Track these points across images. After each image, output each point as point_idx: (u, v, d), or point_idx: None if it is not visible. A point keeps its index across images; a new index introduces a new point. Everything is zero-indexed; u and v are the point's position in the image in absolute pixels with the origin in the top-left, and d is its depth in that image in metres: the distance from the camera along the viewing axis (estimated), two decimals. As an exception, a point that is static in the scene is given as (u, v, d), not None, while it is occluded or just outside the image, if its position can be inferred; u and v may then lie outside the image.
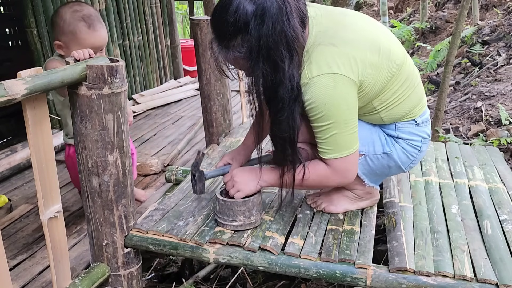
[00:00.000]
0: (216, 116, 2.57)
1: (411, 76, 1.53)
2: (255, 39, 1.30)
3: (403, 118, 1.57)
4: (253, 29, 1.29)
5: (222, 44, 1.38)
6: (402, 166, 1.63)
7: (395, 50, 1.48)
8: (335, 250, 1.51)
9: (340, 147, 1.44)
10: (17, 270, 1.85)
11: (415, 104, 1.57)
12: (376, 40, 1.44)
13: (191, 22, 2.49)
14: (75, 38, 1.84)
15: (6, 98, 1.11)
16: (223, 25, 1.34)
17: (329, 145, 1.44)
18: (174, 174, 2.18)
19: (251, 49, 1.32)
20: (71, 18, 1.84)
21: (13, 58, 4.07)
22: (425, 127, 1.62)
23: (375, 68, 1.42)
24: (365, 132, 1.58)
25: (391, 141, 1.60)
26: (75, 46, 1.83)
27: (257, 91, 1.39)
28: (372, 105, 1.51)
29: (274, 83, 1.34)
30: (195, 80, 4.88)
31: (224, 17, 1.32)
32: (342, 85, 1.37)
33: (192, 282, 2.02)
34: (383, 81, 1.45)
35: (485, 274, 1.38)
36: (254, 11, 1.29)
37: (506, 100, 3.74)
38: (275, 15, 1.28)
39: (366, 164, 1.61)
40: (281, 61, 1.32)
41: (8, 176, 2.75)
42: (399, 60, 1.48)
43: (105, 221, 1.54)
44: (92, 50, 1.79)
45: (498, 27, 5.48)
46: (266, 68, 1.33)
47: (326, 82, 1.36)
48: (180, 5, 9.85)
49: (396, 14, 9.04)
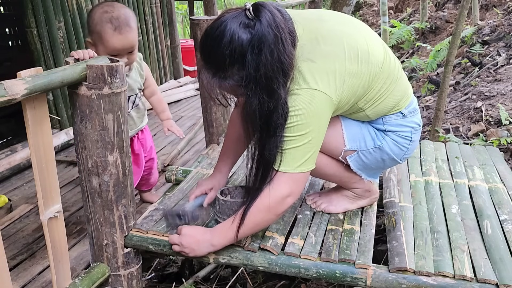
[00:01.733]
0: (216, 116, 2.57)
1: (392, 72, 1.51)
2: (253, 68, 1.26)
3: (389, 112, 1.56)
4: (250, 59, 1.26)
5: (217, 75, 1.34)
6: (396, 158, 1.62)
7: (373, 51, 1.45)
8: (335, 250, 1.51)
9: (294, 162, 1.39)
10: (17, 270, 1.86)
11: (400, 97, 1.55)
12: (354, 46, 1.41)
13: (191, 22, 2.49)
14: (101, 39, 1.85)
15: (6, 98, 1.11)
16: (218, 56, 1.30)
17: (286, 157, 1.39)
18: (174, 174, 2.18)
19: (248, 78, 1.28)
20: (99, 19, 1.85)
21: (13, 58, 4.08)
22: (414, 117, 1.61)
23: (354, 77, 1.40)
24: (354, 128, 1.58)
25: (381, 135, 1.59)
26: (101, 46, 1.86)
27: (253, 120, 1.34)
28: (357, 106, 1.50)
29: (269, 109, 1.31)
30: (195, 80, 4.88)
31: (218, 48, 1.29)
32: (318, 102, 1.35)
33: (192, 282, 2.02)
34: (364, 85, 1.44)
35: (485, 274, 1.37)
36: (250, 40, 1.25)
37: (506, 100, 3.74)
38: (273, 44, 1.25)
39: (360, 160, 1.61)
40: (277, 88, 1.29)
41: (8, 176, 2.75)
42: (379, 60, 1.45)
43: (105, 221, 1.54)
44: (121, 55, 1.84)
45: (498, 27, 5.48)
46: (263, 96, 1.29)
47: (304, 96, 1.34)
48: (180, 5, 9.86)
49: (396, 14, 9.05)
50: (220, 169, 1.79)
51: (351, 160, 1.61)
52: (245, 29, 1.26)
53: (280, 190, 1.40)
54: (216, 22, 1.31)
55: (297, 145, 1.38)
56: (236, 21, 1.27)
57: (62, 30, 3.35)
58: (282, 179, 1.40)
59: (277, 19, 1.27)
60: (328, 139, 1.53)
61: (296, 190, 1.43)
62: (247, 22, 1.27)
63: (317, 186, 1.97)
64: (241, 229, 1.43)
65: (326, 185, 1.97)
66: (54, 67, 3.23)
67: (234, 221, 1.44)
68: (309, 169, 1.42)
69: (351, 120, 1.59)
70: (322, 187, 1.97)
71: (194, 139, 3.37)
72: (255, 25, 1.26)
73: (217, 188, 1.73)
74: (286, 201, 1.42)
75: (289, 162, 1.39)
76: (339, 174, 1.67)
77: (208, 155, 2.37)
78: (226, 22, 1.28)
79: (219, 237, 1.48)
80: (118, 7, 1.90)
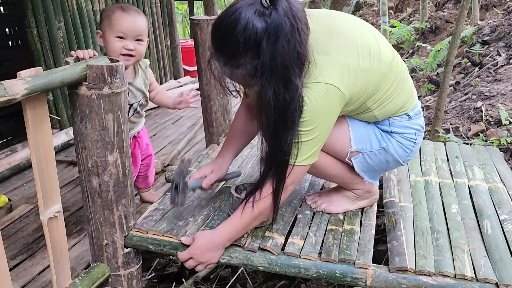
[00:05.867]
0: (216, 116, 2.57)
1: (400, 72, 1.52)
2: (269, 57, 1.24)
3: (396, 113, 1.57)
4: (265, 47, 1.24)
5: (229, 63, 1.32)
6: (399, 160, 1.63)
7: (383, 50, 1.46)
8: (335, 250, 1.51)
9: (300, 155, 1.40)
10: (17, 270, 1.85)
11: (406, 99, 1.56)
12: (366, 43, 1.43)
13: (191, 22, 2.49)
14: (109, 22, 1.87)
15: (6, 98, 1.11)
16: (231, 44, 1.28)
17: (292, 150, 1.39)
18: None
19: (263, 67, 1.26)
20: (110, 7, 1.91)
21: (13, 58, 4.07)
22: (418, 119, 1.62)
23: (367, 73, 1.41)
24: (360, 130, 1.58)
25: (387, 136, 1.60)
26: (109, 31, 1.87)
27: (268, 112, 1.31)
28: (365, 105, 1.51)
29: (285, 100, 1.30)
30: (195, 80, 4.88)
31: (231, 36, 1.26)
32: (331, 96, 1.36)
33: (192, 282, 2.02)
34: (375, 84, 1.45)
35: (485, 274, 1.38)
36: (266, 29, 1.23)
37: (506, 100, 3.74)
38: (289, 33, 1.24)
39: (365, 161, 1.61)
40: (294, 78, 1.28)
41: (8, 176, 2.75)
42: (388, 60, 1.47)
43: (105, 221, 1.54)
44: (128, 40, 1.86)
45: (498, 27, 5.48)
46: (278, 86, 1.27)
47: (317, 90, 1.34)
48: (180, 5, 9.85)
49: (396, 14, 9.04)
50: (222, 155, 1.78)
51: (356, 162, 1.61)
52: (260, 17, 1.25)
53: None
54: (230, 9, 1.29)
55: (305, 140, 1.38)
56: (251, 8, 1.25)
57: (62, 30, 3.35)
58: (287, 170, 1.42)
59: (294, 8, 1.27)
60: (335, 140, 1.54)
61: (297, 180, 1.48)
62: (262, 11, 1.25)
63: (317, 186, 1.97)
64: (243, 217, 1.46)
65: (326, 185, 1.97)
66: (54, 67, 3.23)
67: (237, 212, 1.48)
68: (312, 162, 1.45)
69: (358, 121, 1.59)
70: (322, 187, 1.97)
71: (194, 139, 3.37)
72: (271, 14, 1.24)
73: (216, 171, 1.73)
74: (288, 189, 1.47)
75: (295, 156, 1.40)
76: (342, 175, 1.68)
77: (208, 155, 2.37)
78: (240, 9, 1.26)
79: (228, 233, 1.49)
80: (131, 5, 1.96)
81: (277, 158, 1.39)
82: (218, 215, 1.71)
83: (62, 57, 3.30)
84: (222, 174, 1.75)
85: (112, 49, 1.88)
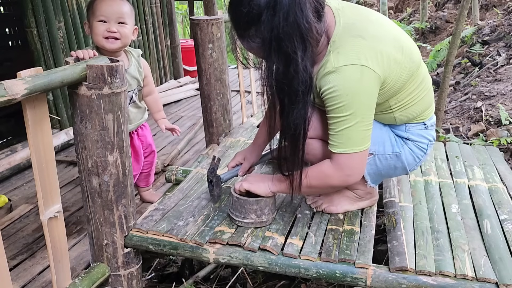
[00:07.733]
0: (216, 116, 2.57)
1: (426, 79, 1.55)
2: (267, 30, 1.29)
3: (414, 120, 1.58)
4: (265, 20, 1.29)
5: (238, 33, 1.39)
6: (407, 168, 1.63)
7: (414, 50, 1.50)
8: (335, 250, 1.51)
9: (351, 142, 1.42)
10: (17, 270, 1.86)
11: (426, 107, 1.58)
12: (399, 38, 1.45)
13: (191, 22, 2.49)
14: (92, 9, 1.90)
15: (6, 98, 1.11)
16: (238, 15, 1.34)
17: (341, 138, 1.42)
18: (174, 174, 2.18)
19: (264, 40, 1.32)
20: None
21: (13, 58, 4.08)
22: (432, 131, 1.64)
23: (399, 65, 1.42)
24: (376, 131, 1.57)
25: (401, 142, 1.61)
26: (92, 18, 1.90)
27: (269, 82, 1.38)
28: (388, 103, 1.51)
29: (287, 75, 1.33)
30: (195, 80, 4.88)
31: (239, 7, 1.32)
32: (367, 78, 1.37)
33: (192, 282, 2.02)
34: (403, 80, 1.46)
35: (485, 273, 1.38)
36: (268, 2, 1.28)
37: (506, 100, 3.74)
38: (287, 6, 1.27)
39: (374, 164, 1.61)
40: (294, 53, 1.31)
41: (8, 176, 2.75)
42: (417, 60, 1.49)
43: (105, 221, 1.54)
44: (111, 23, 1.87)
45: (498, 27, 5.48)
46: (278, 59, 1.32)
47: (353, 72, 1.35)
48: (180, 5, 9.85)
49: (396, 14, 9.04)
50: (256, 141, 1.83)
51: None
52: None
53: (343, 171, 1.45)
54: None
55: (349, 125, 1.39)
56: None
57: (62, 30, 3.35)
58: (342, 161, 1.43)
59: None
60: None
61: (357, 170, 1.47)
62: None
63: (317, 186, 1.97)
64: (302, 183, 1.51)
65: (326, 185, 1.97)
66: (54, 67, 3.23)
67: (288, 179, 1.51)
68: (366, 147, 1.44)
69: (374, 122, 1.57)
70: (322, 187, 1.97)
71: (194, 139, 3.38)
72: None
73: (248, 158, 1.79)
74: (348, 181, 1.49)
75: (346, 143, 1.41)
76: None
77: (208, 155, 2.37)
78: None
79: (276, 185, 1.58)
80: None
81: (289, 132, 1.42)
82: (218, 215, 1.71)
83: (62, 57, 3.30)
84: (254, 159, 1.80)
85: (96, 34, 1.91)
